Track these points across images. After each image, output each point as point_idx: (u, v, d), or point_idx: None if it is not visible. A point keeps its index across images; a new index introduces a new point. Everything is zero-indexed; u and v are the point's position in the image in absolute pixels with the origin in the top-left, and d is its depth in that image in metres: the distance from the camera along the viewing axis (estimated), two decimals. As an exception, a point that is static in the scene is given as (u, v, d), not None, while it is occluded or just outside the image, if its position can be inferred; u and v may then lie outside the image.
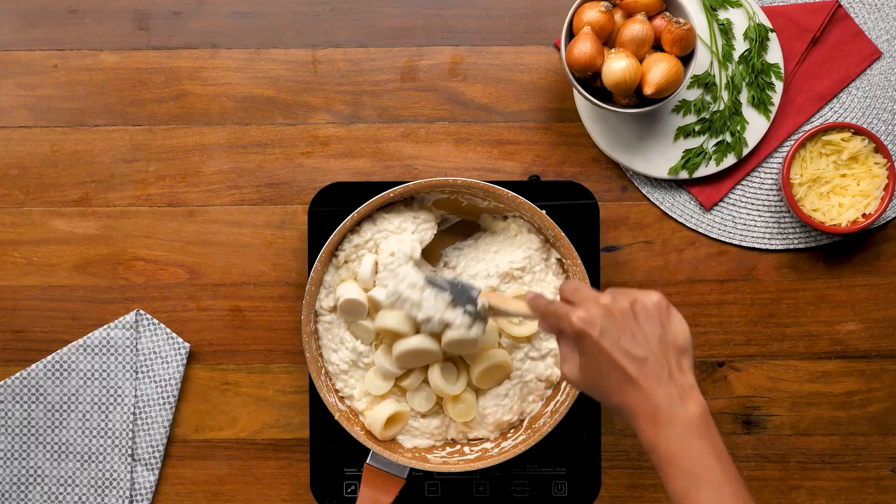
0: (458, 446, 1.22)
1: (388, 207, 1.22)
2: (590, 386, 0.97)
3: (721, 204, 1.30)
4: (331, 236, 1.18)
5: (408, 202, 1.22)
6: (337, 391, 1.21)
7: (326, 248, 1.17)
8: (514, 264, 1.19)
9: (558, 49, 1.30)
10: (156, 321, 1.28)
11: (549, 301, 1.01)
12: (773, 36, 1.27)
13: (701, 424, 0.92)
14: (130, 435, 1.27)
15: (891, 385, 1.30)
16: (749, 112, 1.28)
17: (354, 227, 1.20)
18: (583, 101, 1.28)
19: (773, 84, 1.28)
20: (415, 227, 1.20)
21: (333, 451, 1.23)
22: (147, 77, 1.29)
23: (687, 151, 1.28)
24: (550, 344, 1.21)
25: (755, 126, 1.28)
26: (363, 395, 1.21)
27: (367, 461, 1.19)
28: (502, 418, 1.20)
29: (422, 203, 1.22)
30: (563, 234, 1.17)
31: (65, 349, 1.27)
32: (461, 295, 1.11)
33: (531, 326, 1.20)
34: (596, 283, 1.21)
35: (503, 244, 1.22)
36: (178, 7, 1.29)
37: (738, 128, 1.27)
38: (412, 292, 1.12)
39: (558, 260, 1.22)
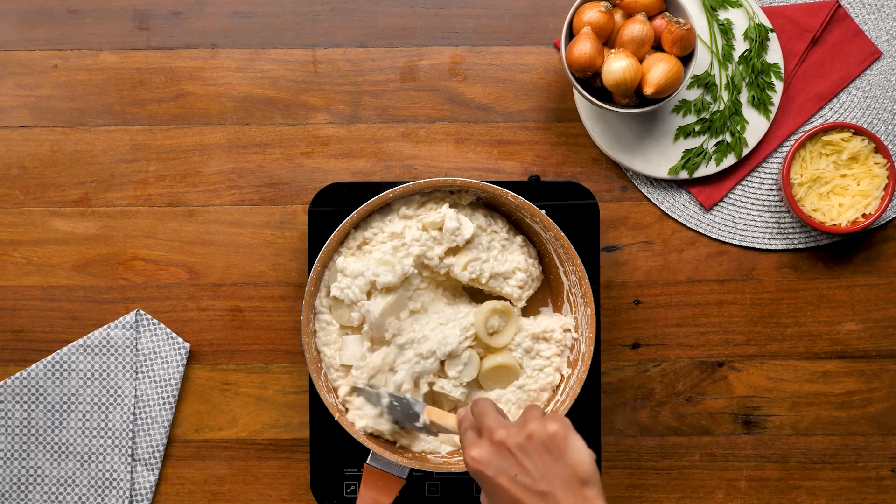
0: (459, 447, 1.22)
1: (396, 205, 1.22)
2: None
3: (721, 204, 1.30)
4: (331, 236, 1.18)
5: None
6: (336, 392, 1.21)
7: (326, 248, 1.17)
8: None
9: (558, 49, 1.30)
10: (156, 321, 1.28)
11: (465, 428, 0.99)
12: (773, 36, 1.27)
13: None
14: (130, 435, 1.27)
15: (891, 385, 1.30)
16: (749, 112, 1.28)
17: (361, 223, 1.21)
18: (583, 101, 1.28)
19: (773, 84, 1.28)
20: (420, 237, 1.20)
21: (333, 451, 1.23)
22: (147, 77, 1.29)
23: (687, 151, 1.28)
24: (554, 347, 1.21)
25: (755, 126, 1.28)
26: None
27: (367, 461, 1.19)
28: None
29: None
30: (563, 234, 1.17)
31: (65, 349, 1.27)
32: (404, 413, 1.14)
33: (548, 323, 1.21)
34: (596, 283, 1.21)
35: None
36: (178, 7, 1.29)
37: (738, 128, 1.27)
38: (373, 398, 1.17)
39: (511, 229, 1.22)
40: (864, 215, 1.25)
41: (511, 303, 1.22)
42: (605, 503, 0.92)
